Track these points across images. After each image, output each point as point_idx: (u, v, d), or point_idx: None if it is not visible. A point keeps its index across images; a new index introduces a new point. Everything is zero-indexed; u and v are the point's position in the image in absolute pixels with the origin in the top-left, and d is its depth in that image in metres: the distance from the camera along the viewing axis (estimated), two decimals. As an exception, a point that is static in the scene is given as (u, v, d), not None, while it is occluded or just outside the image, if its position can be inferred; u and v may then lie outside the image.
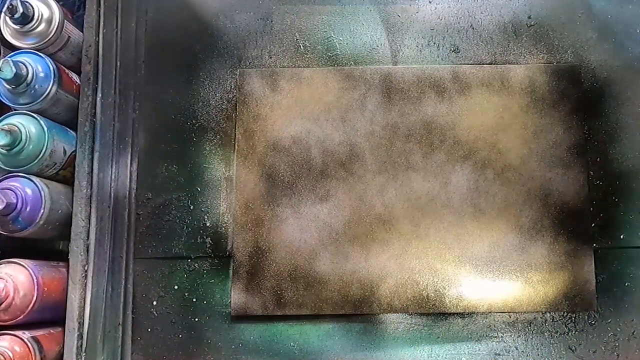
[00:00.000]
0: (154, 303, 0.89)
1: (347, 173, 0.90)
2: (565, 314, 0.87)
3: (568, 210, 0.88)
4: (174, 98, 0.94)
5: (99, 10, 0.94)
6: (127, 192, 0.91)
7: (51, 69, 0.86)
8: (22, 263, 0.81)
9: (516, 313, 0.87)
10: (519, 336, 0.87)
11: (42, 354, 0.80)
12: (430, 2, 0.95)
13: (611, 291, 0.87)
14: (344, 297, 0.87)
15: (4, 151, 0.82)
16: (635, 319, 0.86)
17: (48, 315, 0.84)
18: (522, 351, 0.86)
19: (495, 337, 0.87)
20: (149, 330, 0.88)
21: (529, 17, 0.94)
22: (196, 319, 0.88)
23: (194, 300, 0.89)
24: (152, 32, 0.96)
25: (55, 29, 0.87)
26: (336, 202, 0.90)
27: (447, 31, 0.94)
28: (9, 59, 0.81)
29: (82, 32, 0.93)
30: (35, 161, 0.83)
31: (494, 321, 0.87)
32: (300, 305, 0.87)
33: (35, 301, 0.80)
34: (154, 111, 0.94)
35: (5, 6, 0.83)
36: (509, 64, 0.93)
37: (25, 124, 0.83)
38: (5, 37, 0.87)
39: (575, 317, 0.87)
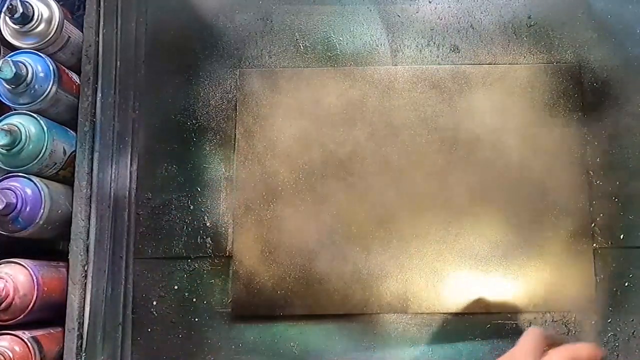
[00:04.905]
0: (154, 303, 0.89)
1: (347, 173, 0.90)
2: (565, 314, 0.87)
3: (568, 210, 0.88)
4: (174, 98, 0.94)
5: (99, 10, 0.94)
6: (127, 192, 0.91)
7: (51, 69, 0.86)
8: (22, 263, 0.81)
9: (516, 313, 0.87)
10: (519, 336, 0.86)
11: (42, 354, 0.80)
12: (430, 2, 0.95)
13: (611, 291, 0.87)
14: (344, 297, 0.87)
15: (4, 151, 0.82)
16: (635, 319, 0.86)
17: (48, 315, 0.84)
18: (522, 351, 0.86)
19: (495, 337, 0.87)
20: (149, 330, 0.88)
21: (529, 17, 0.94)
22: (196, 319, 0.88)
23: (194, 300, 0.89)
24: (152, 32, 0.96)
25: (55, 29, 0.87)
26: (336, 202, 0.90)
27: (447, 31, 0.94)
28: (9, 59, 0.81)
29: (82, 32, 0.93)
30: (35, 161, 0.83)
31: (494, 321, 0.87)
32: (300, 305, 0.87)
33: (35, 301, 0.79)
34: (154, 111, 0.94)
35: (5, 6, 0.83)
36: (509, 64, 0.93)
37: (25, 124, 0.83)
38: (5, 37, 0.87)
39: (575, 317, 0.86)
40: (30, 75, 0.83)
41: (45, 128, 0.84)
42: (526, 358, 0.61)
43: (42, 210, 0.82)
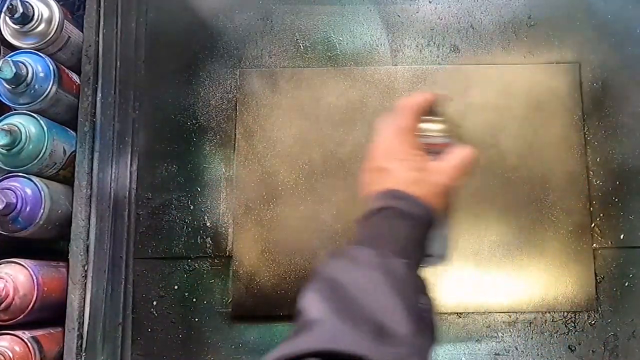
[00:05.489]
0: (154, 303, 0.89)
1: (347, 173, 0.90)
2: (565, 314, 0.87)
3: (568, 210, 0.88)
4: (174, 98, 0.94)
5: (99, 10, 0.94)
6: (127, 192, 0.91)
7: (51, 68, 0.86)
8: (22, 263, 0.80)
9: (516, 313, 0.87)
10: (519, 336, 0.87)
11: (42, 354, 0.80)
12: (430, 2, 0.95)
13: (611, 291, 0.87)
14: (344, 297, 0.87)
15: (4, 151, 0.82)
16: (635, 319, 0.86)
17: (48, 315, 0.84)
18: (522, 351, 0.86)
19: (495, 337, 0.87)
20: (149, 330, 0.88)
21: (529, 17, 0.94)
22: (196, 319, 0.88)
23: (194, 300, 0.89)
24: (152, 32, 0.96)
25: (55, 29, 0.87)
26: (336, 202, 0.90)
27: (447, 31, 0.94)
28: (9, 59, 0.81)
29: (82, 32, 0.93)
30: (35, 161, 0.83)
31: (494, 321, 0.87)
32: (300, 305, 0.87)
33: (35, 301, 0.79)
34: (154, 111, 0.94)
35: (5, 6, 0.83)
36: (509, 64, 0.93)
37: (25, 124, 0.83)
38: (5, 37, 0.87)
39: (575, 317, 0.87)
40: (30, 75, 0.83)
41: (45, 128, 0.84)
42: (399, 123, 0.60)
43: (42, 210, 0.82)
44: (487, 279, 0.87)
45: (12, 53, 0.87)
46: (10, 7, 0.82)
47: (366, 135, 0.91)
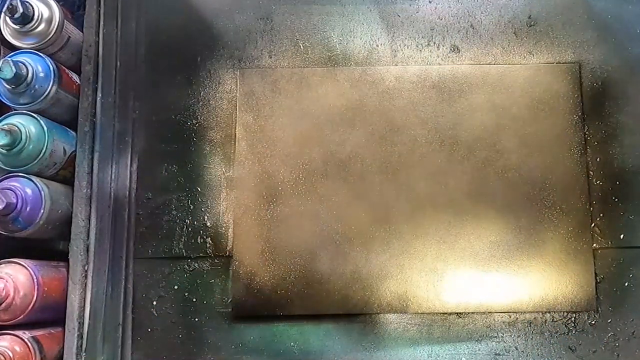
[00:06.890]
0: (154, 303, 0.89)
1: (347, 173, 0.90)
2: (565, 314, 0.87)
3: (568, 210, 0.88)
4: (174, 98, 0.94)
5: (99, 10, 0.94)
6: (127, 192, 0.91)
7: (51, 68, 0.86)
8: (22, 263, 0.81)
9: (516, 313, 0.87)
10: (519, 336, 0.87)
11: (42, 353, 0.80)
12: (430, 2, 0.95)
13: (611, 291, 0.87)
14: (344, 297, 0.87)
15: (4, 151, 0.82)
16: (635, 319, 0.86)
17: (48, 315, 0.84)
18: (522, 351, 0.86)
19: (495, 337, 0.87)
20: (149, 330, 0.88)
21: (529, 17, 0.94)
22: (196, 319, 0.88)
23: (194, 300, 0.89)
24: (152, 32, 0.96)
25: (55, 29, 0.87)
26: (336, 202, 0.90)
27: (447, 31, 0.94)
28: (9, 59, 0.81)
29: (82, 32, 0.93)
30: (35, 161, 0.83)
31: (494, 321, 0.87)
32: (300, 305, 0.87)
33: (35, 301, 0.80)
34: (154, 111, 0.94)
35: (6, 6, 0.83)
36: (509, 64, 0.93)
37: (25, 124, 0.83)
38: (5, 37, 0.87)
39: (575, 317, 0.87)
40: (30, 75, 0.83)
41: (45, 128, 0.84)
42: None
43: (42, 210, 0.82)
44: (487, 279, 0.87)
45: (12, 53, 0.87)
46: (11, 7, 0.83)
47: (366, 135, 0.91)
